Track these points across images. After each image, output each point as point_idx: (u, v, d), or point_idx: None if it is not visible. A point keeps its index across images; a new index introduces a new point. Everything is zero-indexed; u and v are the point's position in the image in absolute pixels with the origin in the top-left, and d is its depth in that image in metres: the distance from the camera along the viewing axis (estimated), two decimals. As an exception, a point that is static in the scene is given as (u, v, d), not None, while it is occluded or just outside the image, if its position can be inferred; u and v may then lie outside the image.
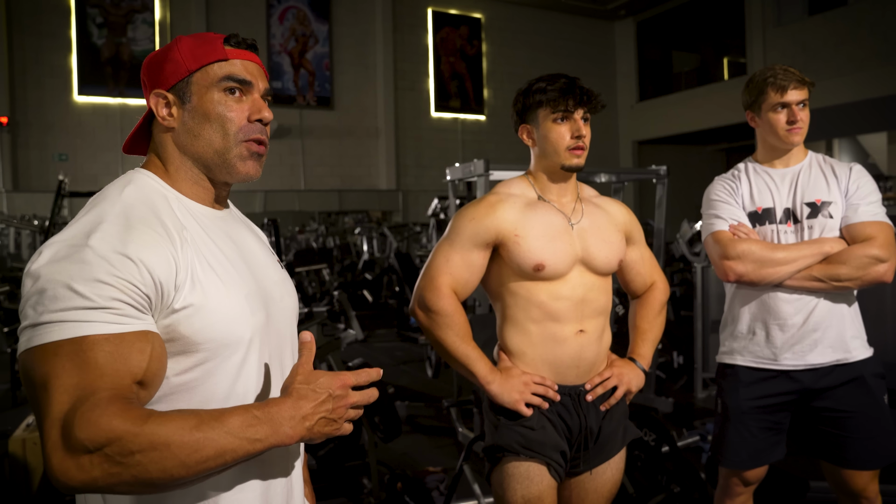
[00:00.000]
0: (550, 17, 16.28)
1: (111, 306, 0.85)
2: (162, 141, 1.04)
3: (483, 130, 15.60)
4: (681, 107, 15.34)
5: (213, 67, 1.01)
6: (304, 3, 13.78)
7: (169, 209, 0.98)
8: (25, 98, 11.62)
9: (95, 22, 12.02)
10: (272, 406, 0.88)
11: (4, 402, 4.77)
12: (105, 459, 0.78)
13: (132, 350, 0.85)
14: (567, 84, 1.60)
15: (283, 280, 1.13)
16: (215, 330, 0.93)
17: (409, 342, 7.09)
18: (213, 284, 0.95)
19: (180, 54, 1.01)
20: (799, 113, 1.92)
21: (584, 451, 1.65)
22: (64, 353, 0.82)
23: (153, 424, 0.80)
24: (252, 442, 0.85)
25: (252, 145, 1.03)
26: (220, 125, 1.01)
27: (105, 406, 0.80)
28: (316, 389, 0.91)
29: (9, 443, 2.98)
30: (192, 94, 1.01)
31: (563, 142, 1.60)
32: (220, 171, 1.03)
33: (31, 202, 11.20)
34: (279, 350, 1.06)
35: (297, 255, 8.87)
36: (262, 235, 1.20)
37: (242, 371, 0.97)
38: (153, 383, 0.89)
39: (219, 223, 1.05)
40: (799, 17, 13.07)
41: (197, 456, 0.81)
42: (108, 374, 0.83)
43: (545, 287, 1.61)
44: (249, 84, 1.03)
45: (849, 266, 1.83)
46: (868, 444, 1.90)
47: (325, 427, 0.91)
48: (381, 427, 3.08)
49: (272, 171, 13.44)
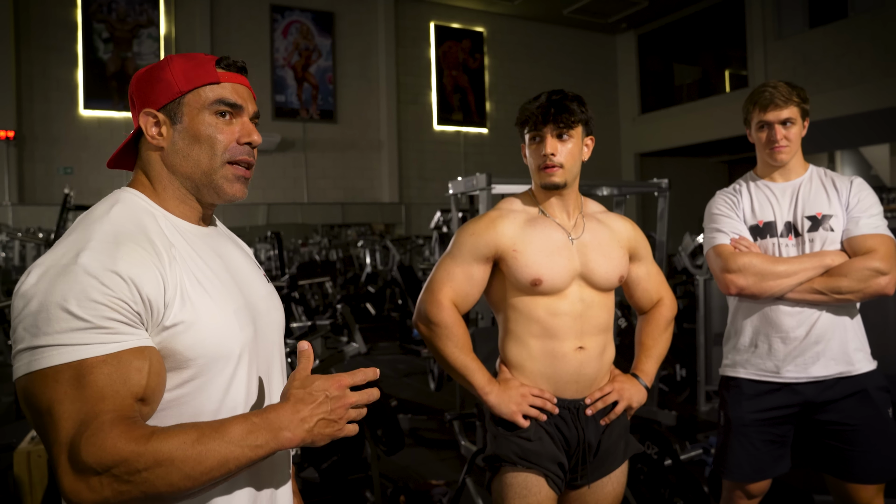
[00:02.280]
0: (552, 31, 16.37)
1: (106, 325, 0.86)
2: (150, 159, 1.05)
3: (485, 143, 15.65)
4: (682, 119, 15.38)
5: (205, 90, 1.03)
6: (308, 18, 13.90)
7: (157, 227, 0.99)
8: (32, 112, 11.71)
9: (101, 37, 12.13)
10: (270, 412, 0.90)
11: (8, 415, 4.78)
12: (114, 479, 0.81)
13: (130, 369, 0.87)
14: (541, 103, 1.60)
15: (269, 294, 1.14)
16: (206, 346, 0.95)
17: (411, 355, 7.07)
18: (203, 301, 0.96)
19: (172, 75, 1.02)
20: (781, 131, 1.93)
21: (583, 465, 1.66)
22: (64, 379, 0.84)
23: (156, 442, 0.82)
24: (253, 448, 0.87)
25: (238, 169, 1.05)
26: (209, 147, 1.03)
27: (109, 429, 0.82)
28: (312, 392, 0.92)
29: (14, 455, 2.98)
30: (183, 115, 1.02)
31: (535, 161, 1.64)
32: (208, 191, 1.05)
33: (36, 215, 11.25)
34: (267, 363, 1.08)
35: (300, 267, 8.88)
36: (248, 250, 1.21)
37: (232, 385, 0.99)
38: (154, 398, 0.90)
39: (206, 240, 1.06)
40: (800, 30, 13.11)
41: (201, 468, 0.84)
42: (109, 396, 0.85)
43: (544, 302, 1.62)
44: (240, 108, 1.05)
45: (850, 279, 1.84)
46: (872, 457, 1.90)
47: (325, 428, 0.92)
48: (383, 440, 3.07)
49: (275, 185, 13.50)
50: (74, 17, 12.00)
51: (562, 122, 1.59)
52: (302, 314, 7.33)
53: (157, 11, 12.55)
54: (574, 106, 1.61)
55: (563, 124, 1.59)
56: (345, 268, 11.18)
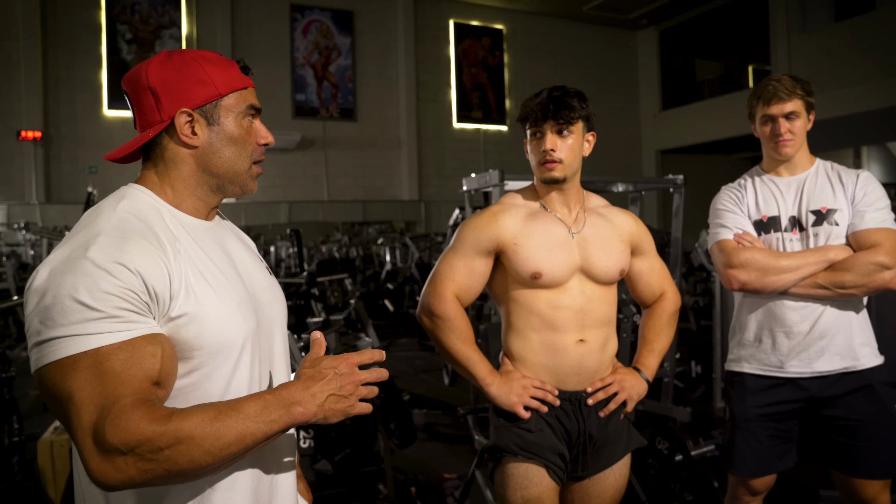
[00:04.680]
0: (572, 28, 16.29)
1: (118, 315, 0.90)
2: (178, 156, 1.07)
3: (505, 141, 15.64)
4: (704, 116, 15.21)
5: (241, 94, 1.09)
6: (328, 17, 14.00)
7: (162, 222, 1.03)
8: (58, 112, 11.98)
9: (125, 38, 12.36)
10: (282, 389, 0.96)
11: (35, 407, 4.90)
12: (138, 458, 0.86)
13: (144, 354, 0.91)
14: (542, 99, 1.62)
15: (271, 286, 1.18)
16: (210, 337, 0.99)
17: (429, 351, 7.11)
18: (207, 294, 1.00)
19: (209, 76, 1.05)
20: (785, 125, 1.91)
21: (584, 456, 1.68)
22: (82, 367, 0.88)
23: (176, 421, 0.88)
24: (268, 423, 0.92)
25: (258, 168, 1.14)
26: (242, 148, 1.09)
27: (130, 411, 0.87)
28: (321, 370, 0.99)
29: (37, 445, 3.07)
30: (220, 116, 1.07)
31: (535, 156, 1.66)
32: (234, 187, 1.12)
33: (63, 213, 11.51)
34: (269, 353, 1.13)
35: (319, 264, 8.98)
36: (250, 244, 1.25)
37: (235, 374, 1.03)
38: (168, 382, 0.95)
39: (210, 234, 1.10)
40: (825, 24, 12.90)
41: (220, 443, 0.89)
42: (127, 381, 0.89)
43: (545, 295, 1.64)
44: (259, 111, 1.13)
45: (854, 273, 1.82)
46: (879, 453, 1.89)
47: (336, 404, 0.98)
48: (396, 433, 3.12)
49: (296, 183, 13.64)
50: (99, 19, 12.24)
51: (561, 119, 1.61)
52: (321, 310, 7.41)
53: (178, 12, 12.75)
54: (574, 102, 1.62)
55: (562, 120, 1.61)
56: (364, 265, 11.26)
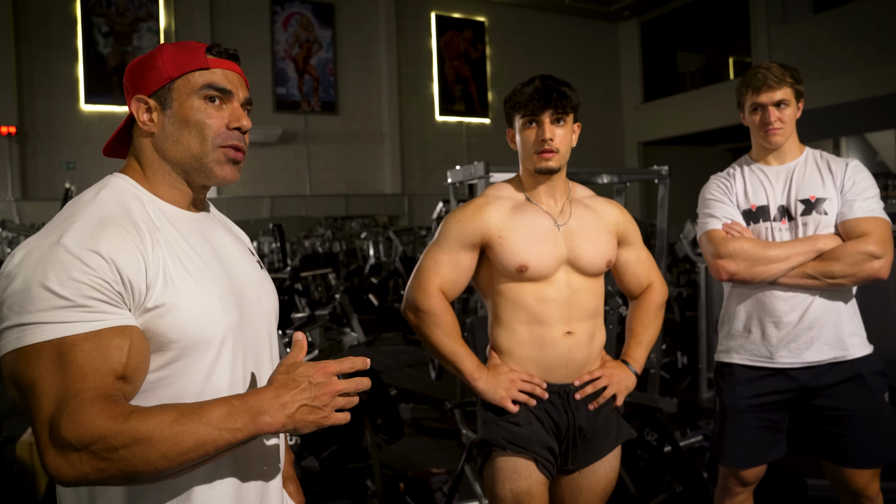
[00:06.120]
0: (554, 20, 16.27)
1: (86, 304, 0.87)
2: (141, 145, 1.06)
3: (488, 133, 15.62)
4: (686, 107, 15.28)
5: (194, 75, 1.04)
6: (308, 10, 13.85)
7: (143, 211, 1.00)
8: (33, 107, 11.73)
9: (101, 31, 12.13)
10: (251, 396, 0.90)
11: (14, 408, 4.81)
12: (93, 456, 0.82)
13: (111, 347, 0.88)
14: (537, 87, 1.59)
15: (261, 281, 1.14)
16: (187, 328, 0.95)
17: (414, 345, 7.09)
18: (186, 284, 0.96)
19: (163, 62, 1.03)
20: (775, 113, 1.90)
21: (573, 449, 1.66)
22: (45, 356, 0.85)
23: (135, 421, 0.83)
24: (232, 432, 0.87)
25: (229, 151, 1.06)
26: (198, 131, 1.03)
27: (88, 406, 0.83)
28: (295, 378, 0.92)
29: (17, 446, 3.01)
30: (172, 100, 1.03)
31: (530, 146, 1.62)
32: (198, 174, 1.05)
33: (40, 210, 11.30)
34: (255, 349, 1.08)
35: (302, 259, 8.90)
36: (243, 237, 1.22)
37: (215, 369, 0.99)
38: (135, 377, 0.91)
39: (194, 225, 1.07)
40: (804, 15, 12.99)
41: (178, 448, 0.84)
42: (90, 374, 0.85)
43: (531, 288, 1.62)
44: (229, 93, 1.06)
45: (842, 263, 1.82)
46: (868, 442, 1.89)
47: (308, 415, 0.91)
48: (383, 429, 3.08)
49: (278, 177, 13.51)
50: (74, 12, 12.00)
51: (559, 107, 1.59)
52: (305, 306, 7.35)
53: (156, 5, 12.53)
54: (569, 91, 1.61)
55: (560, 109, 1.59)
56: (348, 260, 11.20)
